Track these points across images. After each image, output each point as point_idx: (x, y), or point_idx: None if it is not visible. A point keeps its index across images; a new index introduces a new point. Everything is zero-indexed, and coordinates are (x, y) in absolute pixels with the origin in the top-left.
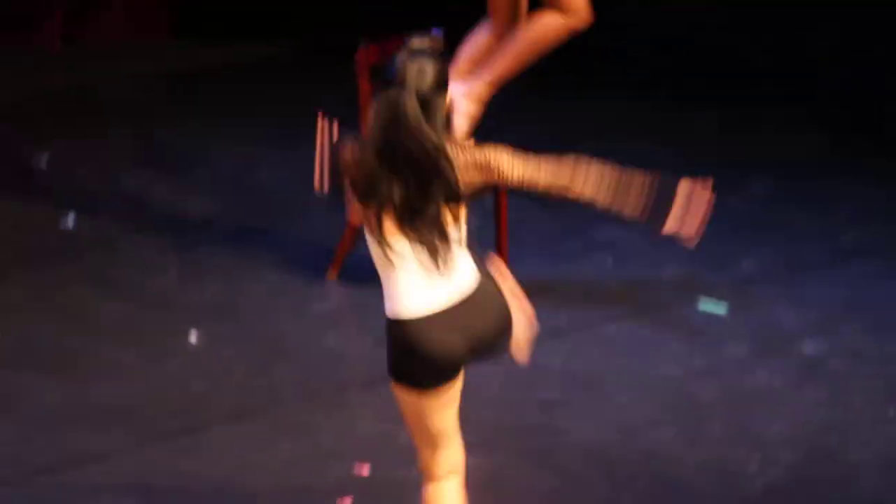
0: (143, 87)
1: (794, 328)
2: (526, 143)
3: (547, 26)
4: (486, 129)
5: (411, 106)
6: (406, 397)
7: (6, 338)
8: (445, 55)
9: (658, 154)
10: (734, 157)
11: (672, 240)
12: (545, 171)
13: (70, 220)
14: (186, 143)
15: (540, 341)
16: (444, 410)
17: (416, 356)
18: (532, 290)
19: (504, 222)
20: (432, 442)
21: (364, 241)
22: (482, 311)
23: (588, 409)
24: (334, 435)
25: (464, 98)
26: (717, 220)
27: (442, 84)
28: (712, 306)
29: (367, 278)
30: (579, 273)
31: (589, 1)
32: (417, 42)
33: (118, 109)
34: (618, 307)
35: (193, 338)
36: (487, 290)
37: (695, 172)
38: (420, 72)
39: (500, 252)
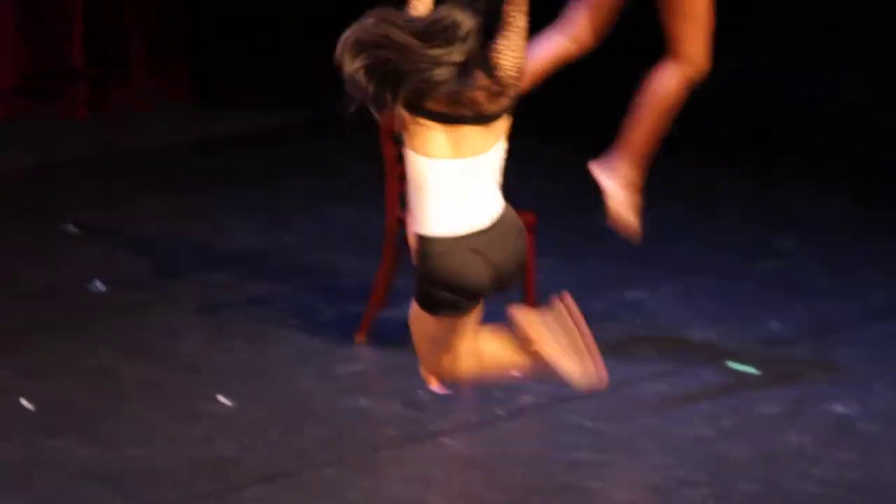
0: (168, 154)
1: (823, 388)
2: None
3: (666, 86)
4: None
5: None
6: (426, 320)
7: (36, 402)
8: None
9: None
10: (758, 215)
11: (700, 301)
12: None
13: (98, 285)
14: (212, 208)
15: (570, 401)
16: (461, 332)
17: (440, 276)
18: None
19: (531, 281)
20: (443, 351)
21: (391, 304)
22: (504, 240)
23: (619, 469)
24: (364, 497)
25: (620, 190)
26: (744, 280)
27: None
28: (742, 367)
29: (394, 341)
30: (608, 333)
31: (709, 48)
32: None
33: (145, 176)
34: (647, 367)
35: (223, 399)
36: (510, 221)
37: (718, 232)
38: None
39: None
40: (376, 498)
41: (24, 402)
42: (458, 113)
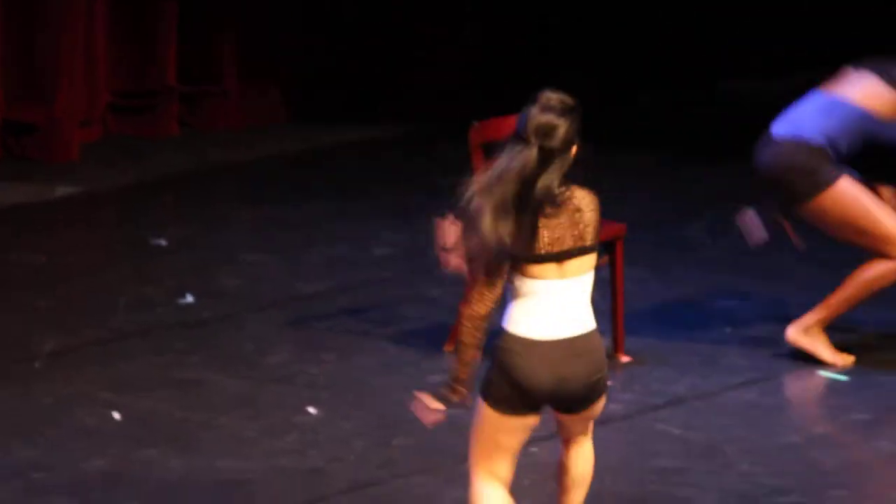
0: (259, 168)
1: None
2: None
3: (884, 275)
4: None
5: (531, 159)
6: (484, 410)
7: (127, 413)
8: (576, 111)
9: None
10: None
11: (790, 309)
12: None
13: (189, 297)
14: (303, 221)
15: (657, 409)
16: (512, 435)
17: (505, 374)
18: (649, 359)
19: (620, 291)
20: (490, 455)
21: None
22: (579, 358)
23: (708, 477)
24: None
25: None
26: (832, 289)
27: (570, 140)
28: (833, 374)
29: (484, 349)
30: (697, 342)
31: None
32: (548, 97)
33: (236, 190)
34: (736, 375)
35: (312, 410)
36: (594, 345)
37: (809, 241)
38: (548, 126)
39: (615, 321)
40: None
41: (115, 414)
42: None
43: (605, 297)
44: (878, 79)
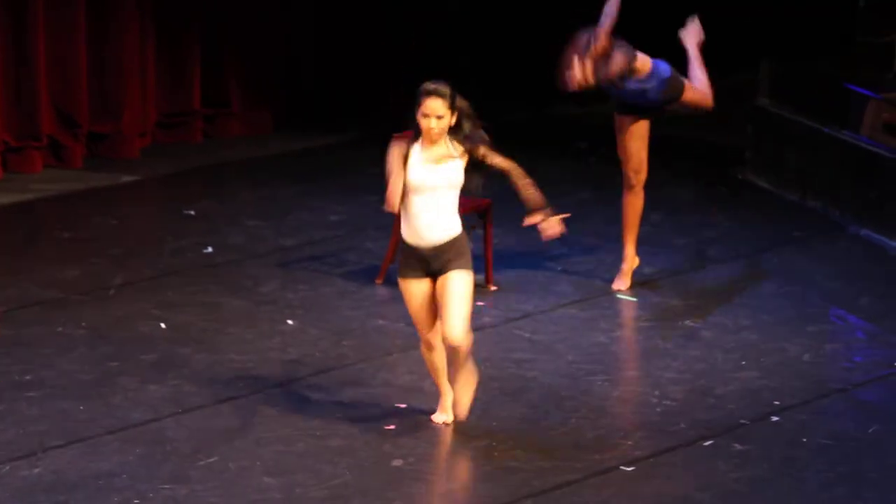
0: (256, 163)
1: None
2: None
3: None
4: None
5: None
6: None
7: (170, 324)
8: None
9: None
10: None
11: (603, 255)
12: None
13: (209, 248)
14: (285, 197)
15: (516, 320)
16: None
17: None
18: (508, 287)
19: (490, 242)
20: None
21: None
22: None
23: (546, 364)
24: (383, 383)
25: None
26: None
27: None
28: (626, 297)
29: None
30: (540, 276)
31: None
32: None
33: (242, 178)
34: (564, 298)
35: (290, 322)
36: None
37: None
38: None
39: (487, 263)
40: (391, 384)
41: (161, 324)
42: None
43: (479, 248)
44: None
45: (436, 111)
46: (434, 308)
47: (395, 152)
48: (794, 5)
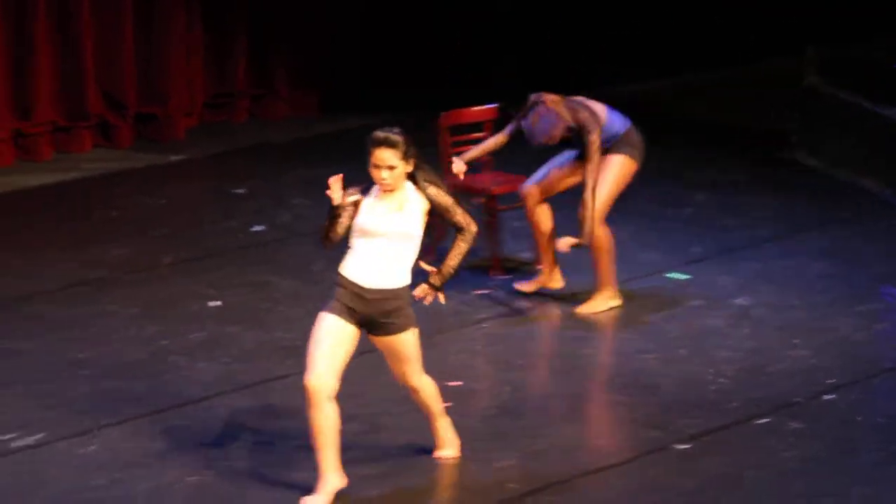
0: (300, 144)
1: None
2: None
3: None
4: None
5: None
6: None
7: (216, 304)
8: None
9: None
10: None
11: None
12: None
13: (258, 227)
14: (328, 177)
15: (569, 301)
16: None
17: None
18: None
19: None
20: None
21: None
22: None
23: (601, 343)
24: (431, 364)
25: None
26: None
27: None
28: (678, 274)
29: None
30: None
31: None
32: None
33: (285, 159)
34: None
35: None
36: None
37: None
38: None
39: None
40: (443, 362)
41: (209, 303)
42: None
43: (529, 227)
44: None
45: (386, 161)
46: (343, 361)
47: (334, 194)
48: None
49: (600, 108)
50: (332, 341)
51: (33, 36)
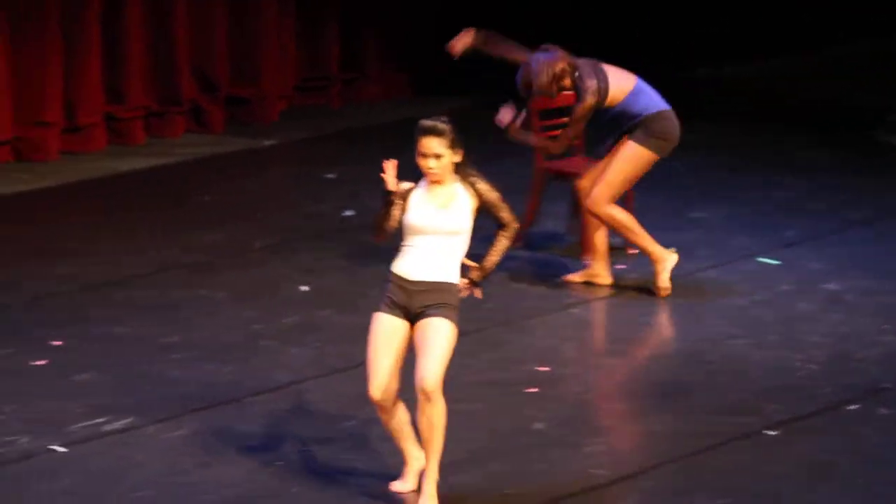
0: (392, 128)
1: None
2: None
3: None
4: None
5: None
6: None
7: (308, 288)
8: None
9: None
10: None
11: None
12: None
13: (349, 211)
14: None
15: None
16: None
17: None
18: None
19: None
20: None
21: (537, 223)
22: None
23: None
24: (520, 348)
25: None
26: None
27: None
28: (766, 259)
29: (540, 246)
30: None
31: None
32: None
33: (377, 143)
34: (703, 261)
35: None
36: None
37: None
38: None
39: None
40: (532, 347)
41: (301, 287)
42: None
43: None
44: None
45: (432, 149)
46: (397, 360)
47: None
48: None
49: (627, 82)
50: (383, 343)
51: (127, 20)
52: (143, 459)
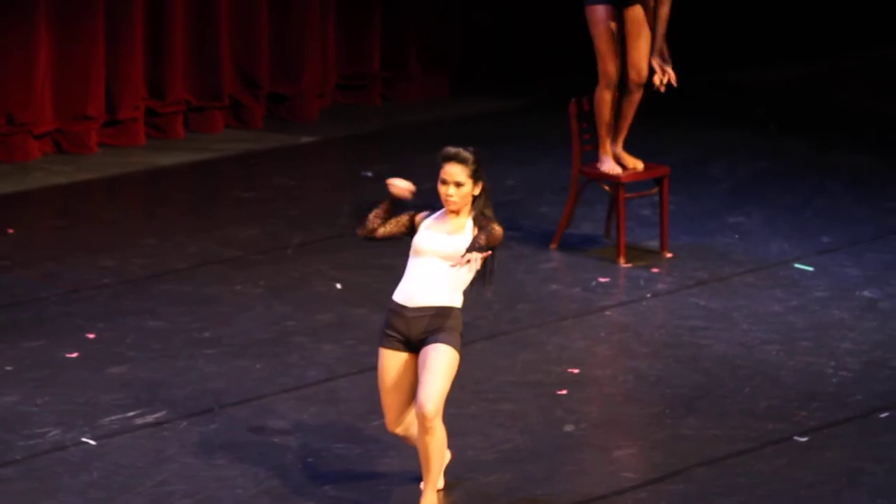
0: (431, 127)
1: None
2: None
3: (599, 98)
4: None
5: None
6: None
7: (345, 284)
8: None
9: None
10: None
11: (779, 226)
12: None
13: None
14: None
15: (690, 287)
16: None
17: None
18: (683, 255)
19: (665, 210)
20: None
21: (573, 225)
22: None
23: (721, 333)
24: (557, 348)
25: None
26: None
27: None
28: (803, 265)
29: (574, 248)
30: (715, 244)
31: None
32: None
33: (417, 141)
34: (740, 266)
35: None
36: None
37: None
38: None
39: (662, 230)
40: (564, 349)
41: (337, 285)
42: None
43: (656, 214)
44: None
45: (454, 177)
46: (408, 393)
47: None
48: None
49: None
50: (390, 381)
51: (170, 15)
52: (174, 453)
